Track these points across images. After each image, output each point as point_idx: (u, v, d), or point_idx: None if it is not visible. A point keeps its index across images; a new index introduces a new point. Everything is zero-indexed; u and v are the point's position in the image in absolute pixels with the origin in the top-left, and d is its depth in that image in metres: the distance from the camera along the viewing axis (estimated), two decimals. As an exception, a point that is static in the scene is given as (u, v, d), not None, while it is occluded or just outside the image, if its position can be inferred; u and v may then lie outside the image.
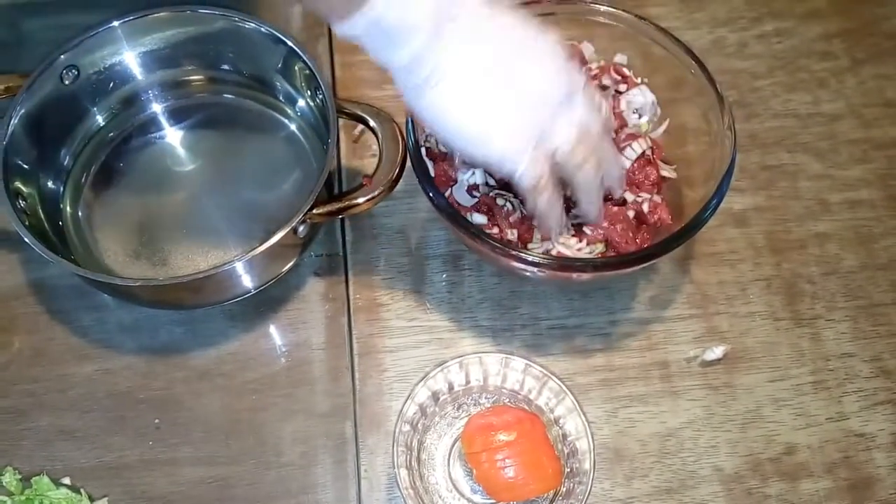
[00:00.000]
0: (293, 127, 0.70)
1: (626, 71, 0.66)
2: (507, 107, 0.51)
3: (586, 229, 0.60)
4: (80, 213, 0.66)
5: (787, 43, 0.80)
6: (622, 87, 0.66)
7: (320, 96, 0.63)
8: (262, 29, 0.65)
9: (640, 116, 0.66)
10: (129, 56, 0.67)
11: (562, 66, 0.52)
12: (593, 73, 0.66)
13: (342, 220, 0.69)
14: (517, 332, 0.65)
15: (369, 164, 0.71)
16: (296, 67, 0.66)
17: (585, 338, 0.65)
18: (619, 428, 0.62)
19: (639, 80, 0.66)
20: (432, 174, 0.61)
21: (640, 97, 0.66)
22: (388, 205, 0.69)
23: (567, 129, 0.53)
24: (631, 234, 0.60)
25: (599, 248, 0.60)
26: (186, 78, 0.70)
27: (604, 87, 0.66)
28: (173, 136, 0.70)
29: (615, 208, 0.61)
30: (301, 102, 0.68)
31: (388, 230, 0.69)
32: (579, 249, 0.60)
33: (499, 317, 0.66)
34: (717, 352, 0.64)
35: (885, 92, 0.77)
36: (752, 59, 0.79)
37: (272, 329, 0.65)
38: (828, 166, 0.73)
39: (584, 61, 0.66)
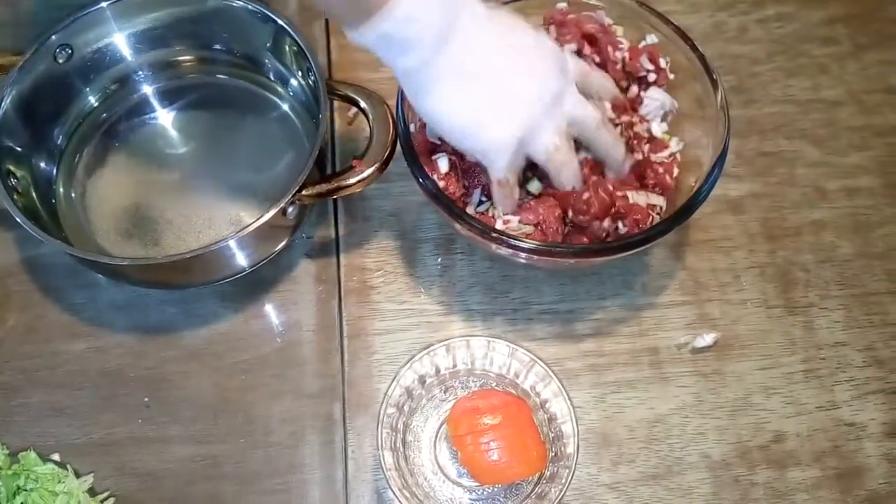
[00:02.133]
0: (286, 107, 0.70)
1: (662, 61, 0.62)
2: (493, 107, 0.54)
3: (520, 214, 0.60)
4: (72, 193, 0.67)
5: (789, 27, 0.79)
6: (651, 77, 0.63)
7: (312, 77, 0.63)
8: (254, 8, 0.65)
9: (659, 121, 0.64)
10: (120, 37, 0.67)
11: (550, 70, 0.55)
12: (621, 56, 0.63)
13: (335, 202, 0.69)
14: (508, 317, 0.65)
15: (364, 146, 0.71)
16: (288, 48, 0.65)
17: (576, 323, 0.65)
18: (606, 413, 0.62)
19: (667, 68, 0.63)
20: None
21: (658, 100, 0.63)
22: (381, 187, 0.69)
23: (551, 135, 0.55)
24: (557, 229, 0.59)
25: (528, 229, 0.59)
26: (179, 58, 0.70)
27: (628, 75, 0.63)
28: (167, 116, 0.70)
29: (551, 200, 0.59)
30: (293, 83, 0.68)
31: (380, 213, 0.69)
32: (506, 222, 0.59)
33: (490, 301, 0.66)
34: (707, 339, 0.63)
35: (887, 78, 0.76)
36: (752, 44, 0.78)
37: (263, 310, 0.65)
38: (826, 153, 0.72)
39: (614, 44, 0.63)
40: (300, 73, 0.66)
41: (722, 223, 0.69)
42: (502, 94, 0.54)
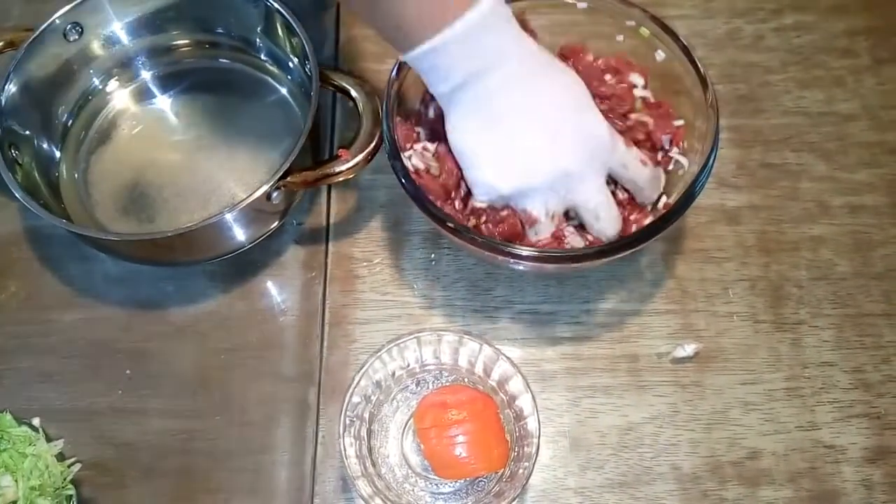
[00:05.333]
0: (284, 91, 0.71)
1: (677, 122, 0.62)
2: (503, 155, 0.56)
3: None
4: (74, 170, 0.68)
5: (807, 38, 0.77)
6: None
7: (309, 64, 0.64)
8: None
9: None
10: (119, 21, 0.69)
11: (585, 144, 0.56)
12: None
13: (329, 190, 0.70)
14: (489, 314, 0.65)
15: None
16: (285, 33, 0.66)
17: (557, 325, 0.65)
18: (579, 418, 0.61)
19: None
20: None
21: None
22: (375, 178, 0.70)
23: (592, 187, 0.58)
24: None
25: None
26: (180, 42, 0.72)
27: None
28: (167, 99, 0.72)
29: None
30: (292, 67, 0.69)
31: (372, 203, 0.70)
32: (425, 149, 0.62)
33: (472, 297, 0.66)
34: (687, 349, 0.62)
35: (906, 95, 0.74)
36: (767, 53, 0.76)
37: (250, 292, 0.66)
38: (833, 168, 0.71)
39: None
40: (296, 60, 0.67)
41: (716, 233, 0.68)
42: (517, 146, 0.56)
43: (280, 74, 0.71)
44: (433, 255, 0.67)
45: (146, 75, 0.72)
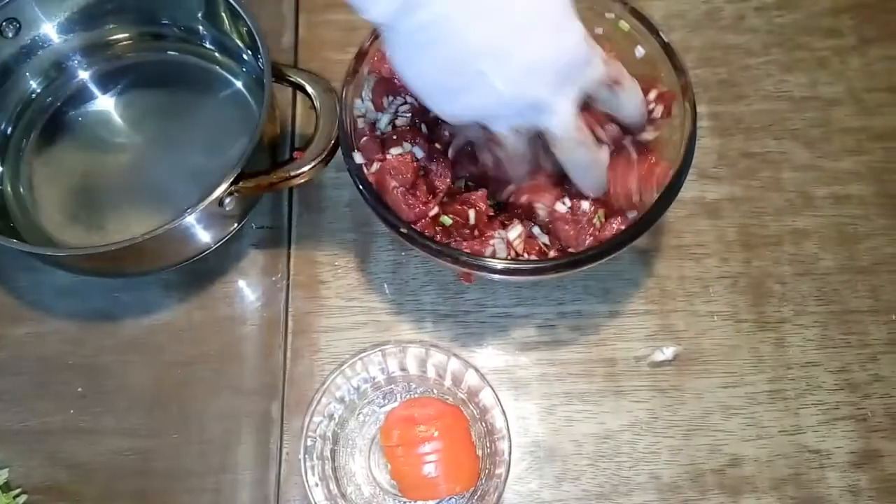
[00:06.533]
0: (239, 84, 0.67)
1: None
2: (472, 72, 0.47)
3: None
4: (18, 179, 0.65)
5: (790, 17, 0.73)
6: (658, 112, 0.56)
7: (260, 58, 0.60)
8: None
9: None
10: (49, 20, 0.65)
11: (547, 68, 0.48)
12: None
13: (290, 190, 0.67)
14: (459, 319, 0.62)
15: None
16: (232, 19, 0.63)
17: (530, 328, 0.62)
18: (554, 426, 0.59)
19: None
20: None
21: None
22: (339, 176, 0.66)
23: (567, 110, 0.49)
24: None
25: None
26: (118, 36, 0.67)
27: None
28: (111, 98, 0.68)
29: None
30: (247, 59, 0.65)
31: (336, 203, 0.66)
32: None
33: (442, 301, 0.63)
34: (666, 353, 0.60)
35: (892, 76, 0.70)
36: (747, 34, 0.72)
37: (207, 302, 0.63)
38: (817, 156, 0.67)
39: None
40: (251, 50, 0.63)
41: (696, 228, 0.65)
42: (486, 57, 0.47)
43: (234, 66, 0.67)
44: (390, 254, 0.64)
45: (84, 75, 0.67)
